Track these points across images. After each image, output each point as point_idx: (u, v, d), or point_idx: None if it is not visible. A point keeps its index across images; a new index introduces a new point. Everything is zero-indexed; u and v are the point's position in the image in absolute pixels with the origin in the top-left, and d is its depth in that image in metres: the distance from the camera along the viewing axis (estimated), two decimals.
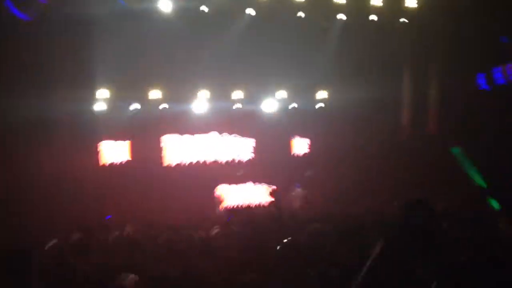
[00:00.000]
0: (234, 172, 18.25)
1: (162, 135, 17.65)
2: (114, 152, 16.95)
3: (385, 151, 17.90)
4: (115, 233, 7.90)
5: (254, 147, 19.20)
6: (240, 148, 19.14)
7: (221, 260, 5.60)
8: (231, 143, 18.98)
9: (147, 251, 6.36)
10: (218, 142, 18.79)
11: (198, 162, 18.44)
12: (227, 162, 18.83)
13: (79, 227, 8.13)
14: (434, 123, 18.48)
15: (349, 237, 5.96)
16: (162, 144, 17.72)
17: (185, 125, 17.99)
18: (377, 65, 17.51)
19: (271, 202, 14.04)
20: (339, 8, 17.01)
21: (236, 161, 19.01)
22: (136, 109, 17.12)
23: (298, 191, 18.01)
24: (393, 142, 18.53)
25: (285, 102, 19.33)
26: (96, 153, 16.46)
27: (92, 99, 16.32)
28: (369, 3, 17.07)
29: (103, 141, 16.60)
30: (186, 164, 18.20)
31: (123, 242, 6.98)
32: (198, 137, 18.42)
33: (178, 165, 18.03)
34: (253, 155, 19.19)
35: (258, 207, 17.54)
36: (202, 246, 6.10)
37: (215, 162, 18.63)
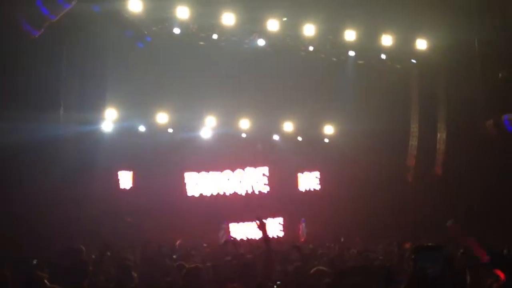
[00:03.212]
0: (247, 207, 18.28)
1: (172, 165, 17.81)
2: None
3: (390, 191, 17.69)
4: None
5: (268, 176, 19.25)
6: (254, 180, 19.32)
7: None
8: (245, 175, 19.22)
9: None
10: (231, 177, 19.07)
11: (213, 197, 18.70)
12: (242, 196, 19.02)
13: None
14: (440, 165, 18.26)
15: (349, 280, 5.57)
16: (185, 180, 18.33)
17: (194, 154, 18.12)
18: (385, 104, 17.51)
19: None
20: (350, 45, 17.16)
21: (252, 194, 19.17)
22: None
23: (303, 226, 17.96)
24: (399, 183, 18.33)
25: (291, 135, 19.37)
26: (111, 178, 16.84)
27: (100, 120, 16.52)
28: (380, 42, 17.20)
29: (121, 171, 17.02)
30: (201, 200, 18.48)
31: None
32: (211, 173, 18.79)
33: (195, 199, 18.39)
34: (268, 186, 19.25)
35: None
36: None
37: (231, 196, 18.88)
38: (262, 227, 5.45)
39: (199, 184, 18.69)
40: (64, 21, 11.87)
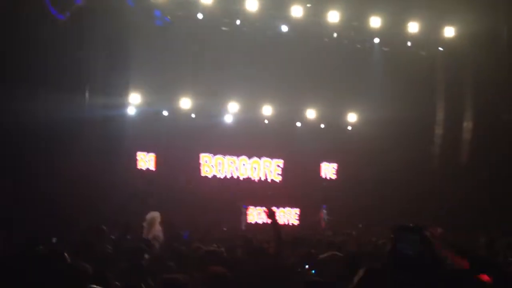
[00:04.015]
0: (262, 192, 18.34)
1: (192, 148, 17.98)
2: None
3: (414, 180, 17.51)
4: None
5: (282, 168, 19.32)
6: (268, 169, 19.41)
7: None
8: (260, 164, 19.31)
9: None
10: (248, 163, 19.20)
11: (228, 179, 18.80)
12: (256, 182, 19.10)
13: None
14: (466, 154, 17.96)
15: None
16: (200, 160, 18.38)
17: (215, 139, 18.22)
18: (410, 92, 17.28)
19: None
20: (375, 32, 16.96)
21: (265, 181, 19.23)
22: None
23: (324, 212, 17.96)
24: (423, 171, 18.12)
25: (314, 122, 19.30)
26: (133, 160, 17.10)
27: (124, 105, 16.73)
28: (406, 29, 16.94)
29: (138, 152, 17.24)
30: (217, 181, 18.61)
31: None
32: (228, 157, 18.87)
33: (209, 180, 18.51)
34: (281, 177, 19.29)
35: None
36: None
37: (245, 181, 18.96)
38: (271, 215, 5.50)
39: (213, 166, 18.78)
40: (89, 5, 12.02)
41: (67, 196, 12.03)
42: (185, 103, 17.68)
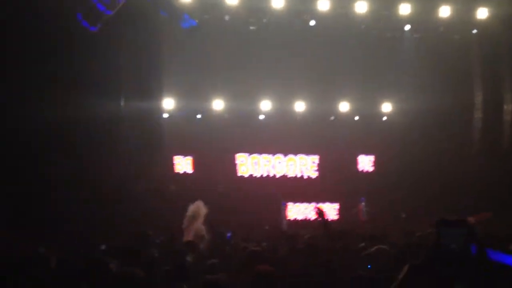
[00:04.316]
0: (300, 189, 18.28)
1: (227, 149, 18.07)
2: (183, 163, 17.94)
3: (454, 167, 17.12)
4: None
5: (318, 164, 19.24)
6: (304, 166, 19.36)
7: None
8: (296, 161, 19.27)
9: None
10: (284, 160, 19.17)
11: (265, 178, 18.83)
12: (292, 179, 19.04)
13: None
14: (506, 138, 17.44)
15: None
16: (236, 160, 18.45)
17: (249, 138, 18.27)
18: (446, 78, 16.91)
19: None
20: (405, 19, 16.66)
21: (301, 178, 19.17)
22: None
23: (363, 205, 17.75)
24: (462, 158, 17.70)
25: (348, 115, 19.12)
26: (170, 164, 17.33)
27: (159, 110, 17.00)
28: (436, 14, 16.57)
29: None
30: (254, 180, 18.65)
31: None
32: (264, 155, 18.88)
33: (246, 179, 18.58)
34: (317, 173, 19.21)
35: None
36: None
37: (282, 178, 18.94)
38: (321, 215, 5.50)
39: (250, 165, 18.84)
40: (121, 14, 12.26)
41: (108, 201, 12.33)
42: (218, 104, 17.82)
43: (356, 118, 19.21)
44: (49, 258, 5.09)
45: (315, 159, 19.25)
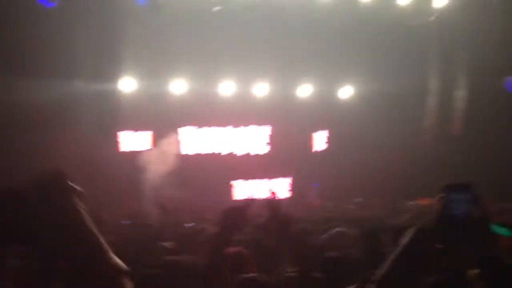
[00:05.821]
0: (250, 165, 18.21)
1: (181, 124, 17.72)
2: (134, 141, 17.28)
3: (407, 152, 17.60)
4: None
5: (271, 136, 18.97)
6: (257, 140, 19.03)
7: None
8: (248, 134, 18.94)
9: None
10: (235, 134, 18.81)
11: (214, 154, 18.50)
12: (243, 155, 18.87)
13: None
14: (459, 124, 18.07)
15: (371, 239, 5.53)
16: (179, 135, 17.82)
17: (204, 114, 17.96)
18: (402, 62, 17.24)
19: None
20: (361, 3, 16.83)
21: (253, 154, 18.99)
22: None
23: (316, 189, 17.92)
24: (416, 143, 18.22)
25: (308, 94, 19.19)
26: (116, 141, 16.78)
27: (116, 89, 16.53)
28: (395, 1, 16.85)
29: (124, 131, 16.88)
30: (203, 156, 18.32)
31: None
32: (215, 129, 18.49)
33: (195, 156, 18.18)
34: (269, 147, 19.03)
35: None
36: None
37: (231, 154, 18.75)
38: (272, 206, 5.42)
39: (196, 140, 18.40)
40: None
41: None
42: (179, 83, 17.45)
43: (314, 99, 19.17)
44: None
45: (267, 130, 19.03)
